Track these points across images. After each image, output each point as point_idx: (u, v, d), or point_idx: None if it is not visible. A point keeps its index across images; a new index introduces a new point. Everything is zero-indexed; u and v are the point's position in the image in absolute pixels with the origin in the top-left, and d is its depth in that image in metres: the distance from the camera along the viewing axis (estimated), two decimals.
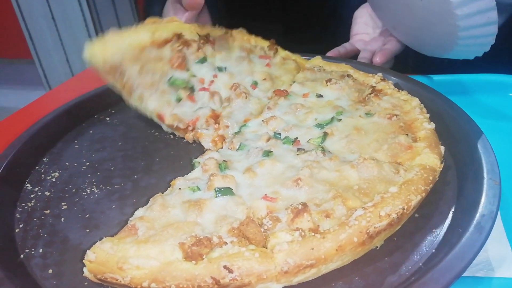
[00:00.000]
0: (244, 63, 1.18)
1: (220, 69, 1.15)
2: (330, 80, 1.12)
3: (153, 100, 1.06)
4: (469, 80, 1.32)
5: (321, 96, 1.08)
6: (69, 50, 3.95)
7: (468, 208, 0.76)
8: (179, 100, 1.07)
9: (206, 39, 1.21)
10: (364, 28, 1.50)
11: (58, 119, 1.18)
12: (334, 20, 1.59)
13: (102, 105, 1.26)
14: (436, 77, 1.34)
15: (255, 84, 1.15)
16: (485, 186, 0.78)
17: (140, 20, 1.19)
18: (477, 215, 0.73)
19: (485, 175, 0.81)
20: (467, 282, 0.72)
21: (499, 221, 0.82)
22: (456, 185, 0.87)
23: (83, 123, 1.22)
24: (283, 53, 1.29)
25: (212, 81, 1.12)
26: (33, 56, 4.05)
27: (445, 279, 0.63)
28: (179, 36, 1.16)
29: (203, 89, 1.10)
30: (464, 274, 0.72)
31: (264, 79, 1.17)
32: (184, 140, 1.09)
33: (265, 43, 1.30)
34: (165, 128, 1.09)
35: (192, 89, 1.09)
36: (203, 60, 1.15)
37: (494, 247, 0.77)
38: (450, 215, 0.81)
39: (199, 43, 1.18)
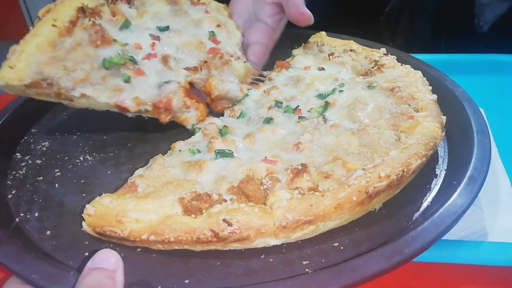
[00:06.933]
0: (182, 16, 1.19)
1: (161, 29, 1.14)
2: (332, 54, 1.23)
3: (99, 93, 0.97)
4: (469, 60, 1.47)
5: (323, 69, 1.18)
6: None
7: (461, 164, 0.88)
8: (127, 79, 1.00)
9: None
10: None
11: None
12: None
13: None
14: (436, 56, 1.48)
15: (214, 36, 1.17)
16: (475, 144, 0.92)
17: None
18: (470, 168, 0.85)
19: (475, 135, 0.94)
20: (464, 246, 0.84)
21: (504, 191, 0.95)
22: (446, 147, 1.01)
23: None
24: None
25: (153, 44, 1.07)
26: None
27: (444, 224, 0.74)
28: (83, 10, 1.06)
29: (149, 55, 1.05)
30: (460, 238, 0.84)
31: (218, 25, 1.19)
32: None
33: None
34: (131, 115, 1.03)
35: (133, 61, 1.02)
36: (126, 24, 1.09)
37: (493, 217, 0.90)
38: (443, 173, 0.93)
39: (108, 4, 1.11)
